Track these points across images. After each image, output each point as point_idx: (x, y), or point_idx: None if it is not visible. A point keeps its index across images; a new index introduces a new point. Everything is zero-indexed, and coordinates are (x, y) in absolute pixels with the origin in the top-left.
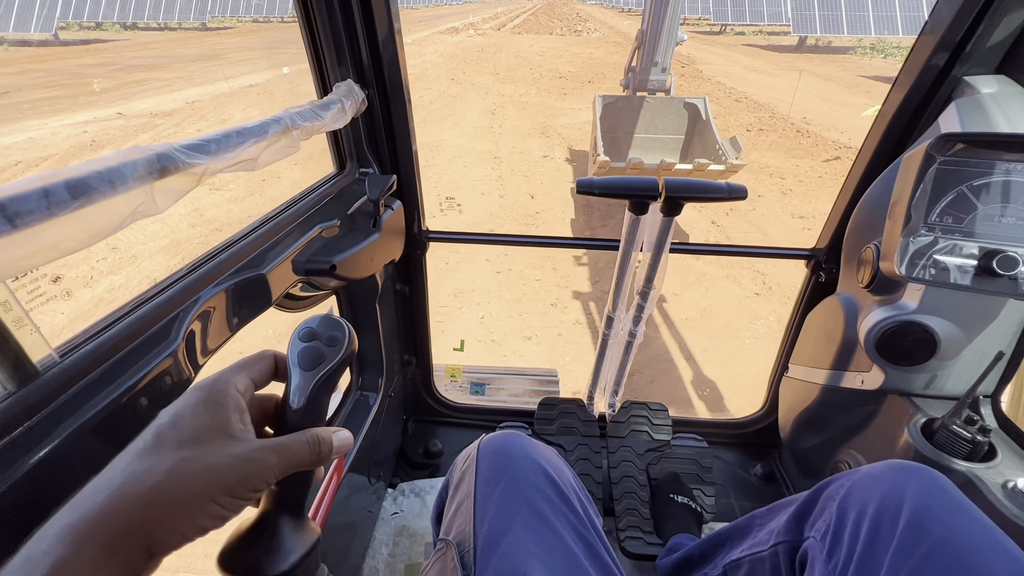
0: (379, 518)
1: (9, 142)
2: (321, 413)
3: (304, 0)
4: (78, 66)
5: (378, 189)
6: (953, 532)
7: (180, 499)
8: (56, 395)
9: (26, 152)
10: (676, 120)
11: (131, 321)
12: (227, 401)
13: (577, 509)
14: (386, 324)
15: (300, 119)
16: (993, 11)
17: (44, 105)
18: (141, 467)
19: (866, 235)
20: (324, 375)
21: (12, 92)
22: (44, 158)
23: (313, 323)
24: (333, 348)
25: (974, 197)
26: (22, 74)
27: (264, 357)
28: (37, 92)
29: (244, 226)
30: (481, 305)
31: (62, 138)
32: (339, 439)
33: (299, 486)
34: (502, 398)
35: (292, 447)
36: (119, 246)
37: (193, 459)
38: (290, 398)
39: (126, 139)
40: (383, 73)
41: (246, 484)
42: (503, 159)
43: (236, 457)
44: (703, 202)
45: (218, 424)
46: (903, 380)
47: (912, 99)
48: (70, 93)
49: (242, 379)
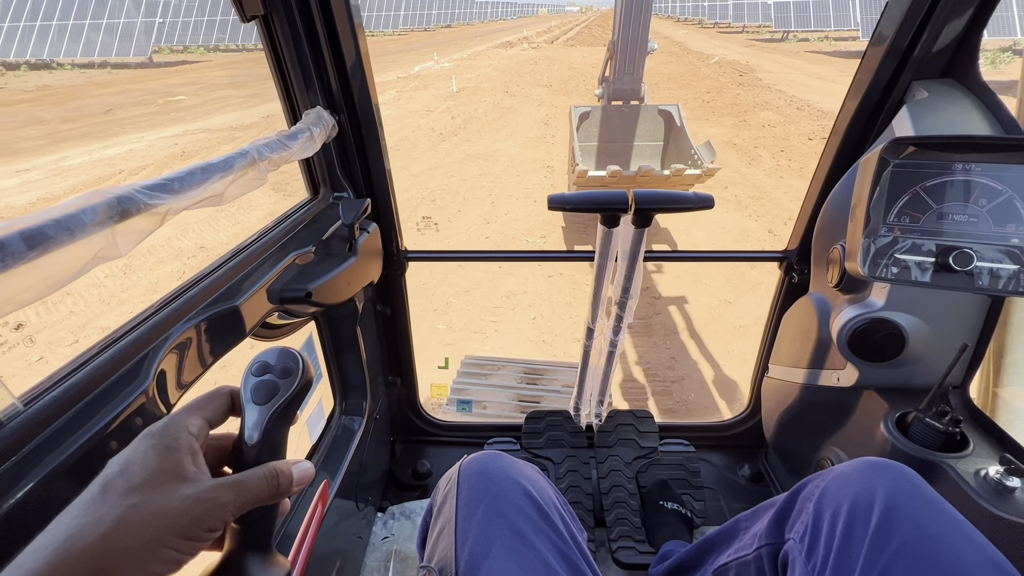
0: (369, 543)
1: (113, 153)
2: (278, 447)
3: (269, 30)
4: (168, 85)
5: (352, 213)
6: (922, 526)
7: (131, 547)
8: (21, 445)
9: (127, 162)
10: (652, 127)
11: (99, 363)
12: (178, 444)
13: (559, 527)
14: (368, 346)
15: (267, 150)
16: (935, 18)
17: (141, 120)
18: (87, 518)
19: (832, 236)
20: (279, 408)
21: (115, 109)
22: (143, 167)
23: (266, 356)
24: (287, 380)
25: (928, 197)
26: (122, 93)
27: (219, 395)
28: (135, 109)
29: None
30: (533, 307)
31: (156, 149)
32: (299, 470)
33: (263, 522)
34: (554, 387)
35: (248, 483)
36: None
37: (143, 505)
38: (245, 434)
39: (211, 150)
40: (353, 97)
41: (200, 524)
42: (555, 168)
43: (188, 499)
44: (672, 212)
45: (168, 467)
46: (877, 376)
47: (867, 103)
48: (162, 110)
49: (195, 420)
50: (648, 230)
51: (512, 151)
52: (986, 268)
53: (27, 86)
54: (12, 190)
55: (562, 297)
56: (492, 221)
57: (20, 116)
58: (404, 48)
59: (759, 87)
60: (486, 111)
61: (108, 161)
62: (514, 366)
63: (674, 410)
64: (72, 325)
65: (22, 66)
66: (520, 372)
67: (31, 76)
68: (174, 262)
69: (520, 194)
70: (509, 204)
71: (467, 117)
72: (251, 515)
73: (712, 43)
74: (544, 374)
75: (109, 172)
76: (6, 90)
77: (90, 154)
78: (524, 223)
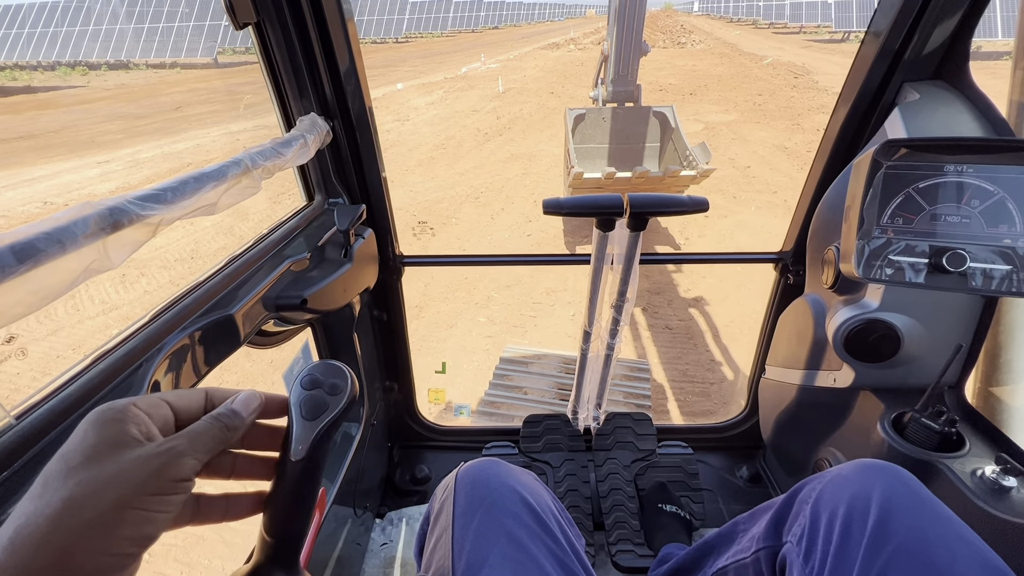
0: (368, 550)
1: (182, 147)
2: (321, 464)
3: (262, 36)
4: (231, 84)
5: (347, 219)
6: (917, 528)
7: (88, 520)
8: (13, 459)
9: (194, 155)
10: (647, 129)
11: (92, 375)
12: (121, 416)
13: (556, 534)
14: (365, 351)
15: (261, 158)
16: (925, 21)
17: (206, 117)
18: (31, 507)
19: (827, 237)
20: (326, 425)
21: (183, 107)
22: (208, 160)
23: (316, 370)
24: (336, 396)
25: (921, 199)
26: (190, 92)
27: (193, 389)
28: (201, 107)
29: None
30: (573, 303)
31: (219, 145)
32: (241, 400)
33: (292, 537)
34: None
35: (198, 428)
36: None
37: (91, 477)
38: (292, 448)
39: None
40: (347, 103)
41: (162, 476)
42: None
43: (140, 458)
44: (668, 216)
45: (109, 438)
46: (872, 376)
47: (860, 105)
48: (226, 107)
49: (147, 397)
50: (643, 233)
51: (555, 152)
52: (979, 269)
53: (107, 84)
54: (95, 179)
55: None
56: (534, 220)
57: (101, 112)
58: (452, 49)
59: (815, 90)
60: (531, 112)
61: (177, 155)
62: (554, 357)
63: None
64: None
65: (102, 66)
66: (560, 363)
67: (111, 76)
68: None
69: (562, 193)
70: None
71: (512, 117)
72: (281, 530)
73: (766, 44)
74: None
75: (178, 164)
76: (89, 88)
77: (161, 148)
78: (568, 222)
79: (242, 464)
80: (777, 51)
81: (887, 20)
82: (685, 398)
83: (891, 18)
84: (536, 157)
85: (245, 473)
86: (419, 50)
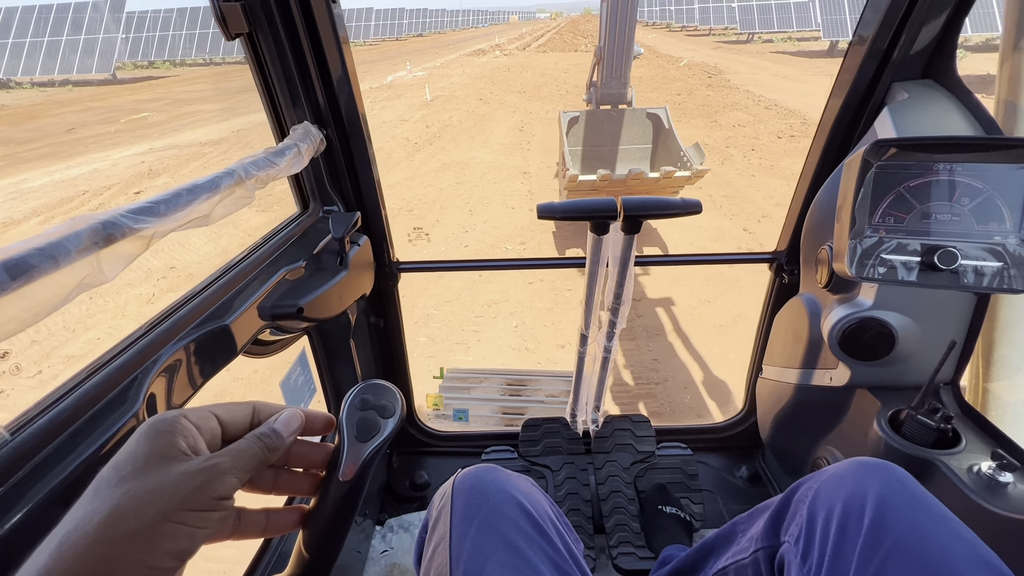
0: (368, 558)
1: (76, 173)
2: (365, 486)
3: (255, 46)
4: (134, 102)
5: (342, 227)
6: (913, 526)
7: (133, 531)
8: (8, 475)
9: (91, 182)
10: (640, 130)
11: (87, 388)
12: (172, 428)
13: (554, 540)
14: (362, 358)
15: (254, 168)
16: (912, 20)
17: (105, 139)
18: (82, 513)
19: (820, 237)
20: (376, 447)
21: (77, 128)
22: (107, 187)
23: (367, 392)
24: (387, 419)
25: (912, 197)
26: (85, 111)
27: (242, 403)
28: (99, 127)
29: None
30: (515, 315)
31: (122, 168)
32: (283, 421)
33: (330, 558)
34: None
35: (241, 446)
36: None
37: (138, 488)
38: (341, 467)
39: (179, 167)
40: (340, 111)
41: (204, 493)
42: (532, 174)
43: (185, 473)
44: (661, 218)
45: (159, 449)
46: (868, 374)
47: (850, 104)
48: (128, 127)
49: (197, 410)
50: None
51: (488, 158)
52: (970, 266)
53: None
54: None
55: (544, 303)
56: (471, 229)
57: None
58: (376, 58)
59: (728, 88)
60: (461, 119)
61: (71, 182)
62: (497, 377)
63: None
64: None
65: None
66: (503, 383)
67: None
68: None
69: (498, 201)
70: (487, 212)
71: (442, 125)
72: (320, 548)
73: (680, 46)
74: (528, 384)
75: (72, 193)
76: None
77: (51, 175)
78: (503, 230)
79: (284, 480)
80: (691, 52)
81: (875, 21)
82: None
83: (879, 19)
84: (469, 165)
85: (287, 488)
86: None
